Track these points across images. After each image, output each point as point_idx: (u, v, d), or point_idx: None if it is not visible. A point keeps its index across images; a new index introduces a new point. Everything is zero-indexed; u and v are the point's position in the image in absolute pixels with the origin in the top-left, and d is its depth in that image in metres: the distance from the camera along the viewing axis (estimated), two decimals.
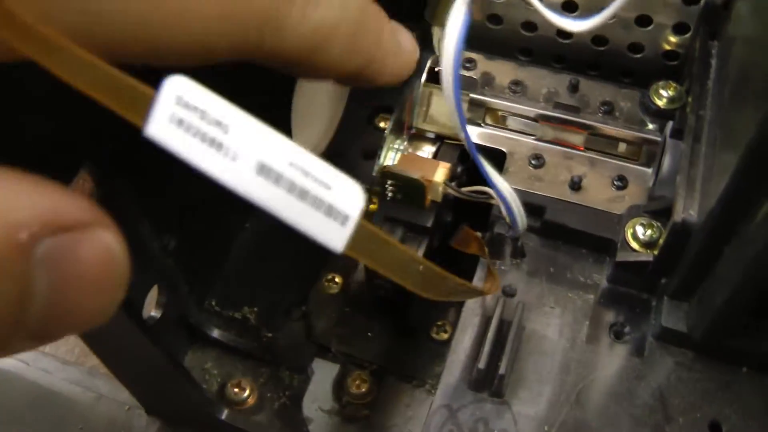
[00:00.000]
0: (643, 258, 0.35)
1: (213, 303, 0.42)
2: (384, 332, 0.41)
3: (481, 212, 0.39)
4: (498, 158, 0.39)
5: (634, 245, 0.35)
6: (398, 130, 0.41)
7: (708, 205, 0.31)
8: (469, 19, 0.27)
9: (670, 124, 0.38)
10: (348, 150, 0.46)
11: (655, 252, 0.35)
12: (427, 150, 0.40)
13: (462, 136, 0.27)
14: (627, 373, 0.34)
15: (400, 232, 0.37)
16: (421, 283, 0.28)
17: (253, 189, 0.21)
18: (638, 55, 0.41)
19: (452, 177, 0.38)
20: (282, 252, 0.45)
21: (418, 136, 0.41)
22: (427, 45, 0.43)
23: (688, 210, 0.32)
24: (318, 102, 0.45)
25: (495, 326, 0.34)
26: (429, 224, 0.37)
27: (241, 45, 0.23)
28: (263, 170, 0.21)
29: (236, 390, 0.40)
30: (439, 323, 0.42)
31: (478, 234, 0.37)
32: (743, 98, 0.32)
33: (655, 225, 0.35)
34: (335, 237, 0.23)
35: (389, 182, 0.37)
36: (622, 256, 0.35)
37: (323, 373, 0.42)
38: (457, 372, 0.34)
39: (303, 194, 0.22)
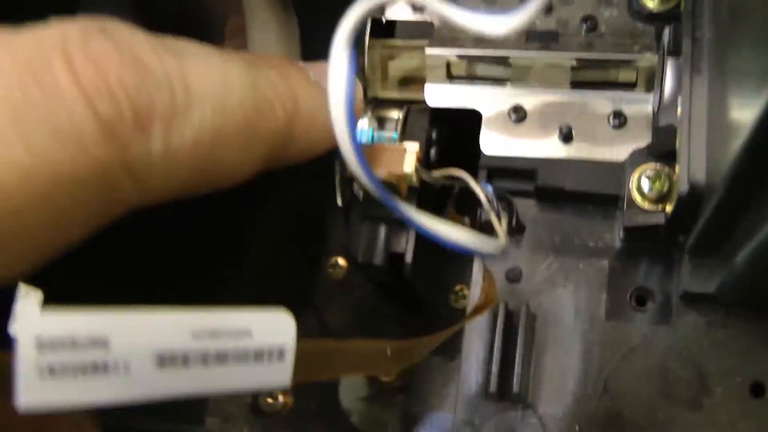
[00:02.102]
0: (654, 220, 0.30)
1: None
2: (402, 311, 0.39)
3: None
4: (473, 120, 0.34)
5: (642, 203, 0.31)
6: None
7: (719, 159, 0.26)
8: (356, 65, 0.22)
9: (666, 33, 0.32)
10: None
11: (668, 207, 0.30)
12: (395, 115, 0.35)
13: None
14: (655, 346, 0.31)
15: (384, 228, 0.34)
16: (395, 362, 0.25)
17: (163, 387, 0.18)
18: None
19: (426, 153, 0.34)
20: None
21: (380, 102, 0.36)
22: None
23: (694, 174, 0.27)
24: None
25: (501, 330, 0.31)
26: None
27: (89, 208, 0.19)
28: (164, 361, 0.18)
29: (270, 400, 0.40)
30: (456, 289, 0.39)
31: (466, 220, 0.33)
32: (738, 26, 0.26)
33: (664, 173, 0.31)
34: (277, 376, 0.21)
35: (357, 184, 0.33)
36: (629, 220, 0.31)
37: None
38: (473, 382, 0.32)
39: (222, 358, 0.19)
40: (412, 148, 0.32)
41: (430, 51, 0.34)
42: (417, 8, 0.35)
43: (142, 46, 0.20)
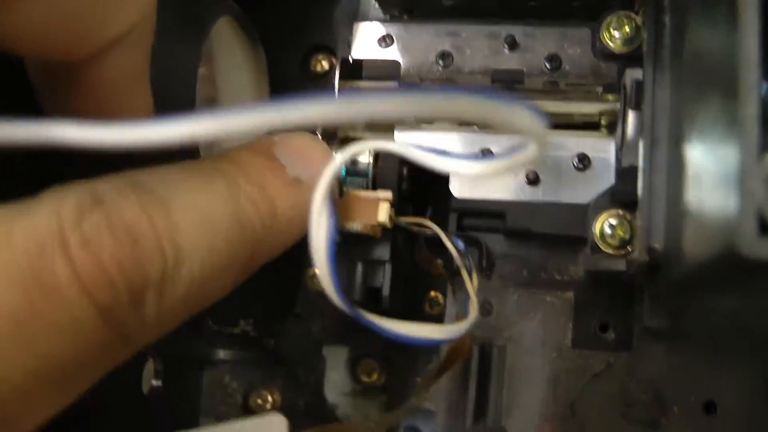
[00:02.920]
0: (616, 266, 0.32)
1: (209, 323, 0.43)
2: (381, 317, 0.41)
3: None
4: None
5: (606, 249, 0.32)
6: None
7: (677, 227, 0.28)
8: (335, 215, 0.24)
9: (628, 78, 0.32)
10: None
11: (630, 251, 0.32)
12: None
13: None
14: (617, 371, 0.34)
15: (361, 267, 0.35)
16: None
17: None
18: None
19: (399, 197, 0.35)
20: None
21: (350, 140, 0.36)
22: None
23: (653, 243, 0.29)
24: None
25: (475, 372, 0.34)
26: (387, 257, 0.35)
27: None
28: None
29: (260, 401, 0.43)
30: (431, 296, 0.41)
31: (439, 261, 0.35)
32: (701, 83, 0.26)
33: (626, 221, 0.32)
34: None
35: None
36: (592, 264, 0.33)
37: (335, 358, 0.43)
38: (451, 414, 0.35)
39: None
40: (385, 195, 0.33)
41: None
42: (382, 46, 0.35)
43: (133, 210, 0.21)
